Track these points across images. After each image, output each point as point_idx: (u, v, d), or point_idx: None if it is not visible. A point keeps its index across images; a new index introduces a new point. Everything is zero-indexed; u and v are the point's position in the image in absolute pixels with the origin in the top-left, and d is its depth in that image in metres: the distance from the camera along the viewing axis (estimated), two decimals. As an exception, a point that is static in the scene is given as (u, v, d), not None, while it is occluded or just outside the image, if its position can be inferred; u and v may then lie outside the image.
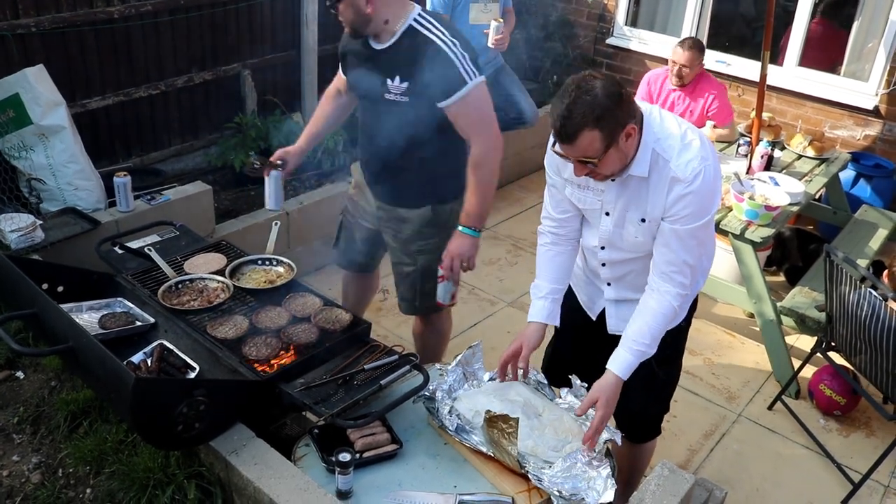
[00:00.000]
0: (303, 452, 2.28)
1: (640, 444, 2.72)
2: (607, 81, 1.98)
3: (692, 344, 4.18)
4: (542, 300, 2.42)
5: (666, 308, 2.22)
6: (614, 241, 2.32)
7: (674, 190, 2.10)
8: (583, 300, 2.61)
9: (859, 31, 5.41)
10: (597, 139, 1.98)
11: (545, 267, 2.46)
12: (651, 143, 2.10)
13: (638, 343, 2.22)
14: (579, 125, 1.96)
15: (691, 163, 2.07)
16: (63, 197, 3.80)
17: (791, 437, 3.65)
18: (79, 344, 2.24)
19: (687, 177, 2.07)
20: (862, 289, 3.15)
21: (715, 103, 4.62)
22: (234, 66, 4.96)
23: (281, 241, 3.02)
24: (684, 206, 2.10)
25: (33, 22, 3.91)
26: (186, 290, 2.74)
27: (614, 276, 2.42)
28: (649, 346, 2.23)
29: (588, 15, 6.53)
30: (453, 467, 2.25)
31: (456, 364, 2.48)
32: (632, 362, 2.23)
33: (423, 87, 2.62)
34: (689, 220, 2.12)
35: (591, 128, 1.96)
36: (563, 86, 2.02)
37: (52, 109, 3.73)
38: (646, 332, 2.22)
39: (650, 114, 2.13)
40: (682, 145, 2.09)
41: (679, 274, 2.20)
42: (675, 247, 2.17)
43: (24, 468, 2.46)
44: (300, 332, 2.53)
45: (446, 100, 2.62)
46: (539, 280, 2.45)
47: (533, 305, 2.44)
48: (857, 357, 3.34)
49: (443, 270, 2.82)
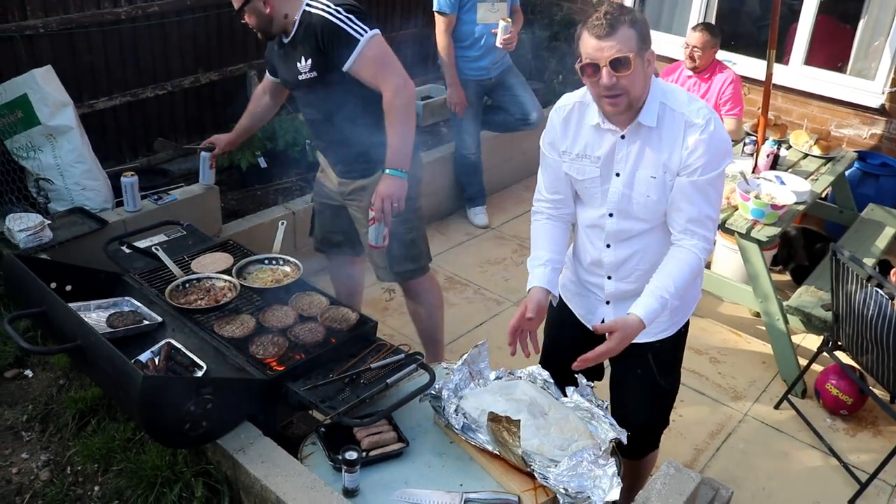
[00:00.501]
0: (309, 451, 2.29)
1: (641, 459, 2.69)
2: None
3: (698, 343, 4.18)
4: (542, 267, 2.37)
5: (693, 260, 2.20)
6: (623, 206, 2.28)
7: (689, 135, 2.13)
8: (580, 314, 2.56)
9: (865, 29, 5.40)
10: (632, 37, 2.04)
11: (542, 238, 2.44)
12: (658, 96, 2.16)
13: (664, 290, 2.17)
14: (619, 20, 2.04)
15: (702, 109, 2.14)
16: (71, 197, 3.82)
17: (797, 437, 3.64)
18: (87, 342, 2.25)
19: (700, 121, 2.12)
20: (868, 288, 3.15)
21: (729, 89, 4.58)
22: (241, 66, 4.98)
23: (287, 241, 3.03)
24: (700, 154, 2.12)
25: (41, 23, 3.93)
26: (193, 290, 2.75)
27: (617, 261, 2.37)
28: (674, 297, 2.18)
29: (594, 14, 6.52)
30: (459, 466, 2.25)
31: (462, 363, 2.48)
32: (657, 309, 2.17)
33: (323, 57, 2.81)
34: (706, 170, 2.14)
35: (629, 26, 2.04)
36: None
37: (59, 110, 3.74)
38: (670, 282, 2.18)
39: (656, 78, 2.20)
40: (689, 99, 2.17)
41: (702, 227, 2.21)
42: (697, 199, 2.17)
43: (33, 466, 2.48)
44: (307, 331, 2.54)
45: (347, 61, 2.78)
46: (536, 251, 2.42)
47: (532, 274, 2.38)
48: (864, 356, 3.33)
49: (374, 213, 2.86)
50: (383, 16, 5.78)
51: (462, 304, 4.38)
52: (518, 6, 4.86)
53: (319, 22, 2.76)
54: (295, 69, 2.88)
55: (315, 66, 2.83)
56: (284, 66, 2.96)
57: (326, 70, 2.83)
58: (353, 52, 2.76)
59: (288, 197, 4.58)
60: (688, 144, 2.12)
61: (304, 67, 2.85)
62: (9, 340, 2.87)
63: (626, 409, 2.55)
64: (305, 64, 2.84)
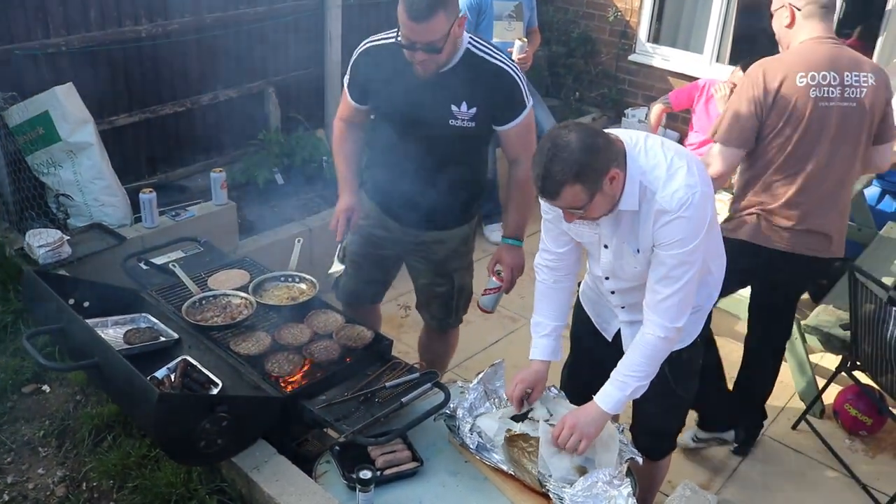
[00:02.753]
0: (324, 469, 2.29)
1: (658, 461, 2.71)
2: (583, 133, 1.98)
3: (715, 362, 4.15)
4: (546, 338, 2.44)
5: (652, 342, 2.21)
6: (616, 272, 2.32)
7: (659, 220, 2.09)
8: (597, 322, 2.61)
9: (884, 47, 5.37)
10: (580, 192, 1.99)
11: (546, 303, 2.46)
12: (637, 176, 2.09)
13: (624, 376, 2.23)
14: (560, 183, 1.97)
15: (676, 193, 2.06)
16: (90, 212, 3.85)
17: (815, 458, 3.60)
18: (104, 359, 2.27)
19: (672, 207, 2.06)
20: (887, 307, 3.12)
21: None
22: (259, 83, 5.02)
23: (303, 258, 3.03)
24: (670, 233, 2.09)
25: (63, 41, 3.98)
26: (210, 306, 2.77)
27: (626, 302, 2.43)
28: (639, 380, 2.22)
29: (610, 31, 6.54)
30: (474, 485, 2.25)
31: (477, 382, 2.48)
32: (617, 396, 2.23)
33: (491, 111, 2.63)
34: (676, 246, 2.10)
35: (572, 183, 1.97)
36: (539, 142, 2.04)
37: (80, 127, 3.79)
38: (631, 366, 2.23)
39: (634, 146, 2.11)
40: (668, 175, 2.08)
41: (664, 303, 2.17)
42: (660, 273, 2.15)
43: (49, 481, 2.49)
44: (322, 349, 2.55)
45: (508, 123, 2.65)
46: (540, 317, 2.46)
47: (536, 344, 2.44)
48: (884, 376, 3.30)
49: (500, 282, 2.89)
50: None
51: (477, 321, 4.36)
52: (536, 27, 4.88)
53: (496, 71, 2.59)
54: (445, 111, 2.62)
55: (478, 116, 2.62)
56: (422, 103, 2.61)
57: (485, 123, 2.66)
58: (518, 115, 2.64)
59: (305, 213, 4.60)
60: (657, 227, 2.11)
61: (464, 114, 2.62)
62: (27, 356, 2.89)
63: (644, 417, 2.61)
64: (466, 111, 2.61)
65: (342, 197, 2.90)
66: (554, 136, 1.99)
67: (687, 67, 6.12)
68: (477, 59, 2.59)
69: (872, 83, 2.88)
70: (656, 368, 2.26)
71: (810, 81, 2.80)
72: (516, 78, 2.61)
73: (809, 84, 2.80)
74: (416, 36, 2.42)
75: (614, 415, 2.32)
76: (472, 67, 2.58)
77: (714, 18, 5.97)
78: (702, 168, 2.17)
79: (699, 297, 2.37)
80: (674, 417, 2.64)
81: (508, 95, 2.62)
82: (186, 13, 4.46)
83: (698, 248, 2.13)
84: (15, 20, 3.79)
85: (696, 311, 2.42)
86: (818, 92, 2.80)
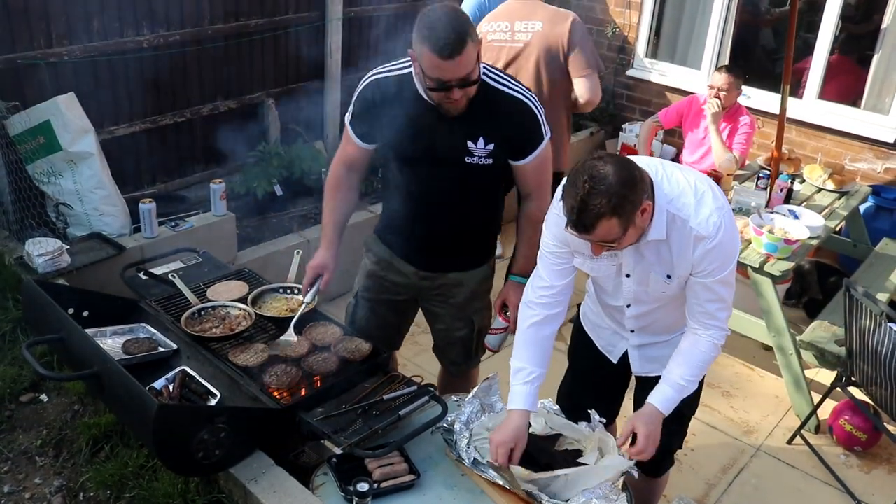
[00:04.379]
0: (321, 481, 2.30)
1: (658, 478, 2.72)
2: (618, 166, 1.94)
3: (710, 376, 4.15)
4: (528, 385, 2.33)
5: (708, 348, 2.27)
6: (640, 298, 2.32)
7: (699, 247, 2.10)
8: (601, 345, 2.60)
9: (879, 63, 5.41)
10: (615, 226, 1.96)
11: (531, 348, 2.37)
12: (664, 205, 2.08)
13: (683, 379, 2.26)
14: (596, 216, 1.93)
15: (710, 217, 2.07)
16: (89, 222, 3.86)
17: (811, 473, 3.62)
18: (103, 370, 2.28)
19: (710, 232, 2.07)
20: (883, 324, 3.14)
21: (743, 137, 4.61)
22: (259, 94, 5.04)
23: (302, 270, 3.04)
24: (711, 260, 2.12)
25: (65, 51, 4.00)
26: (209, 318, 2.78)
27: (640, 326, 2.44)
28: (691, 383, 2.27)
29: (608, 46, 6.58)
30: (470, 499, 2.25)
31: (473, 396, 2.49)
32: (675, 398, 2.27)
33: (509, 146, 2.51)
34: (718, 272, 2.14)
35: (609, 217, 1.93)
36: (572, 173, 1.98)
37: (81, 136, 3.81)
38: (686, 370, 2.26)
39: (657, 175, 2.10)
40: (697, 201, 2.08)
41: (715, 320, 2.24)
42: (710, 296, 2.19)
43: (46, 491, 2.50)
44: (320, 361, 2.56)
45: (525, 158, 2.54)
46: (522, 363, 2.35)
47: (517, 392, 2.33)
48: (878, 392, 3.32)
49: (506, 322, 2.82)
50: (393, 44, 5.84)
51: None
52: None
53: (515, 104, 2.46)
54: (460, 147, 2.48)
55: (495, 151, 2.48)
56: (433, 139, 2.49)
57: (503, 158, 2.52)
58: (536, 149, 2.52)
59: (304, 225, 4.62)
60: (698, 255, 2.12)
61: (481, 150, 2.47)
62: (25, 365, 2.90)
63: None
64: (483, 147, 2.46)
65: (318, 252, 2.73)
66: (590, 167, 1.93)
67: (685, 83, 6.15)
68: (493, 91, 2.45)
69: (539, 29, 3.75)
70: (705, 372, 2.32)
71: (489, 28, 3.85)
72: (535, 111, 2.50)
73: (488, 31, 3.84)
74: (448, 74, 2.27)
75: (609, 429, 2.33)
76: (489, 100, 2.44)
77: (712, 34, 6.01)
78: (718, 188, 2.19)
79: None
80: (676, 435, 2.64)
81: (528, 129, 2.50)
82: (188, 24, 4.49)
83: (735, 265, 2.20)
84: (17, 29, 3.82)
85: None
86: (493, 36, 3.84)
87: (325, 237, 2.75)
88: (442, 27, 2.22)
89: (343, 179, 2.74)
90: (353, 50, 5.46)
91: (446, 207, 2.61)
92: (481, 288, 2.86)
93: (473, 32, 2.30)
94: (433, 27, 2.23)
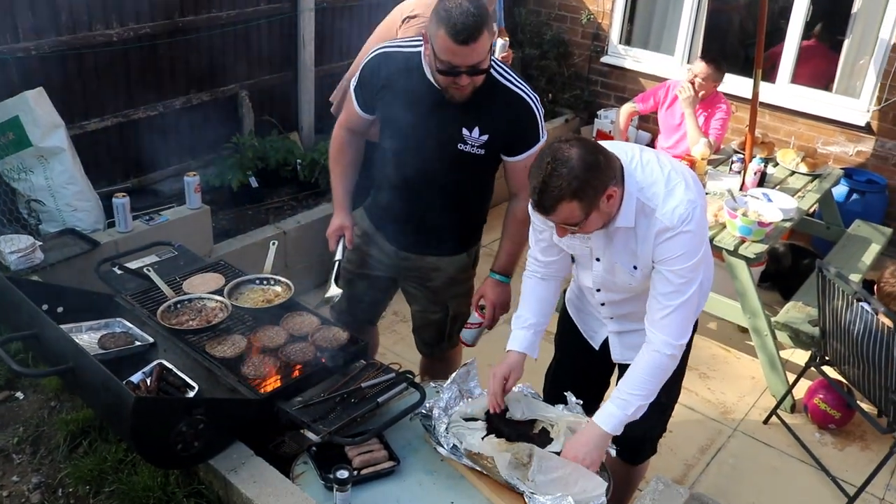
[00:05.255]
0: (301, 470, 2.30)
1: (638, 465, 2.74)
2: (583, 150, 1.94)
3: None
4: (525, 330, 2.40)
5: (657, 360, 2.18)
6: (608, 285, 2.32)
7: (661, 237, 2.07)
8: (583, 330, 2.61)
9: (850, 48, 5.48)
10: (576, 209, 1.96)
11: (530, 299, 2.43)
12: (635, 192, 2.07)
13: (626, 393, 2.20)
14: (557, 198, 1.94)
15: (677, 209, 2.05)
16: (62, 218, 3.83)
17: (786, 451, 3.67)
18: (79, 364, 2.26)
19: (674, 223, 2.05)
20: (855, 304, 3.18)
21: (719, 123, 4.64)
22: (232, 86, 5.01)
23: (278, 261, 3.03)
24: (673, 246, 2.07)
25: (33, 45, 3.95)
26: (185, 310, 2.76)
27: (616, 314, 2.44)
28: (641, 399, 2.19)
29: (582, 34, 6.60)
30: (450, 484, 2.26)
31: (451, 382, 2.50)
32: (618, 415, 2.19)
33: (504, 140, 2.53)
34: (681, 261, 2.09)
35: (570, 200, 1.94)
36: (539, 154, 2.00)
37: (51, 131, 3.76)
38: (635, 385, 2.19)
39: (631, 162, 2.09)
40: (667, 191, 2.06)
41: (671, 321, 2.15)
42: (666, 291, 2.13)
43: (24, 488, 2.48)
44: (298, 350, 2.56)
45: (519, 155, 2.56)
46: (523, 311, 2.42)
47: (514, 335, 2.40)
48: (851, 371, 3.37)
49: (481, 318, 2.82)
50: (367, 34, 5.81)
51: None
52: (503, 27, 4.88)
53: (515, 100, 2.48)
54: (455, 134, 2.51)
55: (489, 143, 2.51)
56: (432, 122, 2.52)
57: (496, 152, 2.55)
58: (530, 148, 2.53)
59: (279, 217, 4.60)
60: (659, 241, 2.09)
61: (474, 140, 2.49)
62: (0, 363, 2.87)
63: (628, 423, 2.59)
64: (477, 137, 2.49)
65: (335, 216, 2.82)
66: (555, 149, 1.94)
67: (659, 69, 6.19)
68: (497, 84, 2.46)
69: None
70: (659, 387, 2.22)
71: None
72: (535, 110, 2.51)
73: None
74: (460, 60, 2.28)
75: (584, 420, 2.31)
76: (492, 92, 2.45)
77: (685, 20, 6.05)
78: (697, 181, 2.16)
79: None
80: (657, 423, 2.65)
81: (525, 127, 2.52)
82: (158, 17, 4.44)
83: (700, 262, 2.12)
84: (-16, 24, 3.76)
85: None
86: None
87: (338, 203, 2.83)
88: (461, 12, 2.23)
89: (347, 143, 2.79)
90: (326, 41, 5.44)
91: (432, 191, 2.63)
92: (460, 276, 2.88)
93: (490, 22, 2.30)
94: (451, 11, 2.24)
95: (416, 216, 2.70)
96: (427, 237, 2.74)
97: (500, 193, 2.82)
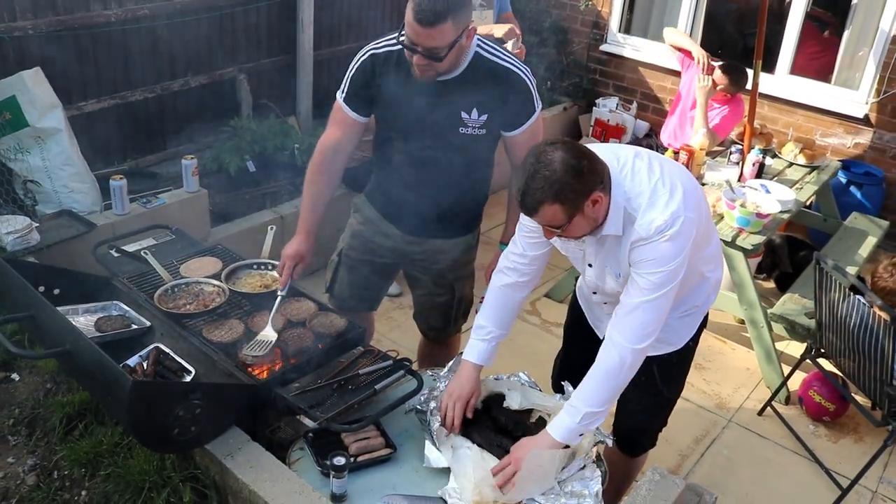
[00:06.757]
0: (297, 456, 2.30)
1: (636, 457, 2.75)
2: (568, 153, 1.94)
3: (683, 349, 4.22)
4: (484, 342, 2.39)
5: (610, 366, 2.12)
6: (601, 288, 2.33)
7: (636, 244, 2.06)
8: (590, 318, 2.62)
9: (850, 40, 5.46)
10: (558, 211, 1.97)
11: (494, 309, 2.41)
12: (622, 202, 2.06)
13: (576, 399, 2.14)
14: (539, 200, 1.95)
15: (654, 221, 2.02)
16: (59, 199, 3.81)
17: (781, 443, 3.68)
18: (75, 347, 2.25)
19: (650, 234, 2.02)
20: (851, 297, 3.19)
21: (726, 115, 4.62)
22: (230, 69, 4.98)
23: (276, 245, 3.02)
24: (645, 251, 2.05)
25: (30, 25, 3.92)
26: (182, 294, 2.76)
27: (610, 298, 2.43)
28: (591, 406, 2.11)
29: (581, 22, 6.57)
30: (446, 471, 2.26)
31: (448, 371, 2.50)
32: (568, 424, 2.12)
33: (502, 116, 2.54)
34: (651, 265, 2.05)
35: (551, 202, 1.94)
36: (526, 155, 2.01)
37: (48, 112, 3.74)
38: (584, 392, 2.14)
39: (621, 170, 2.07)
40: (649, 203, 2.03)
41: (631, 322, 2.10)
42: (631, 290, 2.11)
43: (20, 470, 2.47)
44: (295, 336, 2.55)
45: (516, 129, 2.57)
46: (485, 321, 2.40)
47: (472, 345, 2.39)
48: (846, 363, 3.38)
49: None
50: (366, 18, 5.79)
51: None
52: (509, 12, 4.80)
53: (509, 75, 2.49)
54: (454, 119, 2.52)
55: (488, 122, 2.53)
56: (430, 109, 2.52)
57: (495, 129, 2.57)
58: (528, 121, 2.56)
59: (276, 201, 4.59)
60: (632, 248, 2.07)
61: (474, 122, 2.52)
62: (-4, 344, 2.87)
63: (628, 413, 2.61)
64: (476, 118, 2.51)
65: (294, 239, 2.72)
66: (540, 151, 1.95)
67: (658, 58, 6.17)
68: (486, 62, 2.48)
69: None
70: (614, 396, 2.16)
71: None
72: (527, 81, 2.53)
73: None
74: (419, 39, 2.31)
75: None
76: (482, 71, 2.48)
77: (685, 9, 6.02)
78: (694, 191, 2.12)
79: (697, 297, 2.38)
80: (657, 417, 2.66)
81: (520, 100, 2.54)
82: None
83: (675, 272, 2.06)
84: (-20, 3, 3.73)
85: (692, 313, 2.43)
86: None
87: (303, 223, 2.74)
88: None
89: (327, 163, 2.71)
90: (325, 25, 5.40)
91: (437, 175, 2.64)
92: (464, 257, 2.90)
93: (462, 16, 2.31)
94: None
95: (421, 201, 2.70)
96: (432, 220, 2.74)
97: (498, 181, 2.82)
